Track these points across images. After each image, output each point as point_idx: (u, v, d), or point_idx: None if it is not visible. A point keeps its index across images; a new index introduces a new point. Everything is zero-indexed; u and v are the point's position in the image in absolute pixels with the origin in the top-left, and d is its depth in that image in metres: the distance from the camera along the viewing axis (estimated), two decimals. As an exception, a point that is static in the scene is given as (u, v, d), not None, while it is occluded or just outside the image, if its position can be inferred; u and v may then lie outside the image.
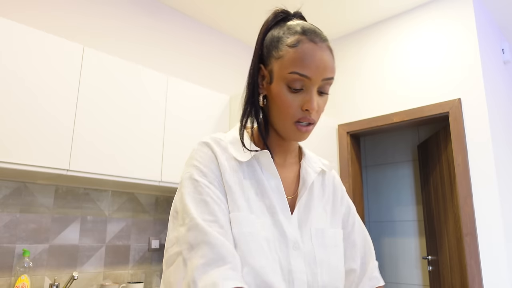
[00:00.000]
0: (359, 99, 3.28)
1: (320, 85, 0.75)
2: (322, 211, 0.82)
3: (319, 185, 0.85)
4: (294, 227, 0.74)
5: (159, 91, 2.38)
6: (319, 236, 0.77)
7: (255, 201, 0.74)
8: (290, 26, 0.80)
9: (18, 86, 1.82)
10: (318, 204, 0.82)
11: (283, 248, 0.71)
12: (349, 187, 3.16)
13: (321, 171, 0.86)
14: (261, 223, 0.72)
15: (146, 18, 2.90)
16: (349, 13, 3.18)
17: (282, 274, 0.69)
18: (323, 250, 0.76)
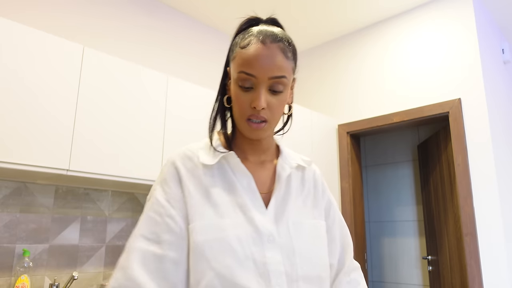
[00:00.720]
0: (359, 99, 3.28)
1: (269, 83, 0.76)
2: (301, 205, 0.83)
3: (298, 180, 0.87)
4: (269, 221, 0.76)
5: (159, 91, 2.38)
6: (297, 228, 0.78)
7: (226, 202, 0.76)
8: (249, 30, 0.82)
9: (18, 86, 1.82)
10: (297, 198, 0.84)
11: (258, 243, 0.73)
12: (349, 187, 3.17)
13: (300, 167, 0.89)
14: (233, 223, 0.74)
15: (146, 17, 2.90)
16: (349, 13, 3.18)
17: (256, 269, 0.71)
18: (303, 241, 0.77)
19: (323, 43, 3.68)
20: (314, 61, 3.72)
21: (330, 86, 3.53)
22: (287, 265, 0.73)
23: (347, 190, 3.16)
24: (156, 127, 2.32)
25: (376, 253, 3.92)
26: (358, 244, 3.13)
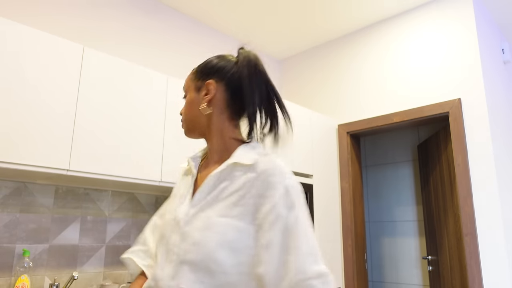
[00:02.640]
0: (359, 99, 3.28)
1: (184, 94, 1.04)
2: (228, 203, 0.87)
3: (234, 178, 0.89)
4: (184, 211, 0.91)
5: (159, 91, 2.38)
6: (203, 221, 0.86)
7: (178, 195, 0.99)
8: None
9: (18, 86, 1.82)
10: (221, 195, 0.89)
11: (173, 227, 0.91)
12: (349, 187, 3.17)
13: (245, 166, 0.89)
14: (169, 210, 0.97)
15: (146, 18, 2.90)
16: (349, 13, 3.18)
17: (166, 246, 0.91)
18: (201, 233, 0.85)
19: (323, 43, 3.68)
20: (315, 61, 3.72)
21: (330, 86, 3.53)
22: (181, 250, 0.87)
23: (347, 190, 3.16)
24: (156, 127, 2.32)
25: (376, 253, 3.92)
26: (358, 244, 3.13)
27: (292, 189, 0.86)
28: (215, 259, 0.82)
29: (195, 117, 0.98)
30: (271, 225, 0.82)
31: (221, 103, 0.96)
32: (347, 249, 3.06)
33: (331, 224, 3.03)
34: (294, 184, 0.87)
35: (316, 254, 0.81)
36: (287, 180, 0.86)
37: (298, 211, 0.84)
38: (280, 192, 0.84)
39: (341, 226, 3.12)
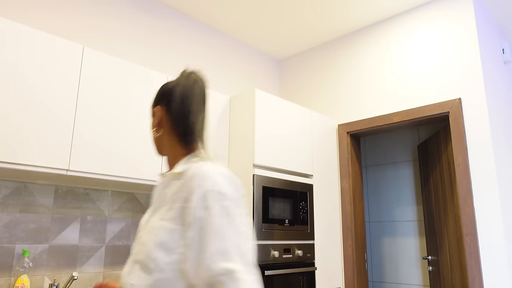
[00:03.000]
0: (359, 99, 3.28)
1: None
2: (165, 208, 1.00)
3: (172, 186, 1.02)
4: (144, 219, 1.09)
5: (159, 91, 2.37)
6: (149, 224, 1.01)
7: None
8: None
9: (18, 86, 1.82)
10: (163, 201, 1.03)
11: (138, 232, 1.08)
12: (349, 187, 3.16)
13: (178, 175, 1.02)
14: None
15: (146, 18, 2.90)
16: (349, 13, 3.18)
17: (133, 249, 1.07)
18: (146, 235, 0.99)
19: (323, 43, 3.68)
20: (315, 61, 3.72)
21: (330, 86, 3.53)
22: (135, 250, 1.02)
23: (347, 190, 3.16)
24: (156, 127, 2.31)
25: (376, 253, 3.92)
26: (358, 244, 3.13)
27: (210, 193, 0.93)
28: (152, 258, 0.94)
29: (154, 140, 1.14)
30: (190, 226, 0.92)
31: (167, 124, 1.10)
32: (347, 249, 3.06)
33: (331, 224, 3.03)
34: (215, 189, 0.94)
35: (228, 253, 0.88)
36: (207, 184, 0.94)
37: (213, 214, 0.91)
38: (198, 196, 0.93)
39: (341, 226, 3.12)
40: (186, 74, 1.12)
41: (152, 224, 1.00)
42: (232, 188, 0.97)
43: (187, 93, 1.09)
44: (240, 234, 0.92)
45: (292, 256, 2.59)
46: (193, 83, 1.10)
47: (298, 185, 2.76)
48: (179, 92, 1.09)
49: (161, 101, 1.12)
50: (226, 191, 0.95)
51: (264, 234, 2.42)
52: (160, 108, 1.11)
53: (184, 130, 1.09)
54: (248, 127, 2.58)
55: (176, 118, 1.09)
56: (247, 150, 2.54)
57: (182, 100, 1.08)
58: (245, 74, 3.61)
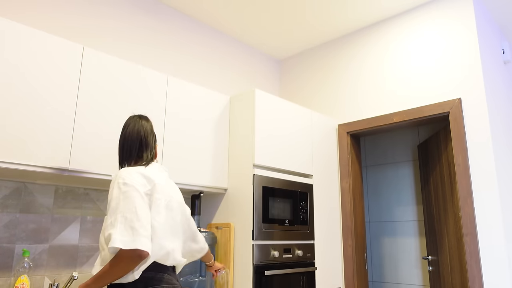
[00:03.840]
0: (359, 99, 3.28)
1: None
2: None
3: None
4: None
5: (159, 91, 2.38)
6: None
7: None
8: None
9: (18, 86, 1.82)
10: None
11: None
12: (349, 187, 3.16)
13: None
14: None
15: (146, 18, 2.90)
16: (349, 13, 3.18)
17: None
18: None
19: (323, 43, 3.68)
20: (314, 61, 3.72)
21: (330, 86, 3.53)
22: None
23: (347, 190, 3.16)
24: (156, 127, 2.31)
25: (376, 253, 3.92)
26: (358, 244, 3.13)
27: (117, 185, 1.44)
28: (100, 242, 1.44)
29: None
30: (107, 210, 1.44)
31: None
32: (347, 249, 3.06)
33: (331, 224, 3.03)
34: (120, 182, 1.45)
35: (115, 224, 1.35)
36: (117, 180, 1.46)
37: (114, 198, 1.42)
38: (112, 188, 1.46)
39: (341, 226, 3.12)
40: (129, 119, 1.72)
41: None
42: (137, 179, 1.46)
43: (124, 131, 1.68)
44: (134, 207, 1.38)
45: (292, 256, 2.59)
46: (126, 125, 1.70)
47: (298, 185, 2.76)
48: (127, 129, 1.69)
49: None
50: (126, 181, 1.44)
51: (264, 234, 2.42)
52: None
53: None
54: (248, 127, 2.58)
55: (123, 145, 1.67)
56: (247, 150, 2.54)
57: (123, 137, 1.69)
58: (245, 74, 3.61)
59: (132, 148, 1.63)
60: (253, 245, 2.36)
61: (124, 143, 1.64)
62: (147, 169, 1.55)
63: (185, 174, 2.41)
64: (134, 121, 1.68)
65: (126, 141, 1.64)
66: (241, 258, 2.39)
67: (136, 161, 1.62)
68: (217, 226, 2.57)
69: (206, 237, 2.42)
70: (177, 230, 1.58)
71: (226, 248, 2.47)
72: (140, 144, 1.63)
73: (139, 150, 1.63)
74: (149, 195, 1.47)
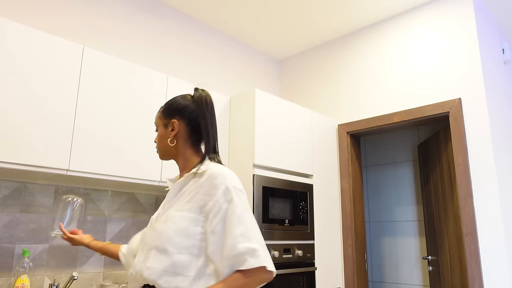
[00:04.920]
0: (359, 99, 3.28)
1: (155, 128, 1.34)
2: (181, 201, 1.17)
3: (190, 184, 1.19)
4: (156, 213, 1.23)
5: (159, 91, 2.38)
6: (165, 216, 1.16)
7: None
8: None
9: (18, 86, 1.82)
10: (182, 197, 1.18)
11: (150, 226, 1.23)
12: (349, 187, 3.16)
13: (196, 175, 1.19)
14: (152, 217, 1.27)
15: (146, 18, 2.90)
16: (349, 13, 3.18)
17: (143, 241, 1.22)
18: (163, 225, 1.14)
19: (323, 43, 3.68)
20: (314, 61, 3.72)
21: (330, 86, 3.53)
22: (149, 239, 1.16)
23: (347, 190, 3.16)
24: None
25: (376, 253, 3.92)
26: (358, 244, 3.13)
27: (232, 188, 1.12)
28: (172, 242, 1.09)
29: (166, 147, 1.29)
30: (214, 216, 1.09)
31: (184, 135, 1.27)
32: (347, 249, 3.06)
33: (331, 224, 3.03)
34: (234, 185, 1.14)
35: (250, 236, 1.06)
36: (228, 181, 1.13)
37: (235, 204, 1.10)
38: (221, 191, 1.11)
39: (341, 226, 3.12)
40: (198, 91, 1.30)
41: (169, 215, 1.14)
42: (242, 186, 1.17)
43: (202, 108, 1.26)
44: (255, 222, 1.11)
45: (292, 256, 2.59)
46: (205, 99, 1.27)
47: (298, 185, 2.76)
48: (195, 107, 1.27)
49: (179, 114, 1.28)
50: (242, 187, 1.16)
51: (264, 234, 2.42)
52: (177, 121, 1.27)
53: (200, 140, 1.28)
54: (248, 127, 2.58)
55: (193, 130, 1.27)
56: (247, 150, 2.54)
57: (201, 117, 1.25)
58: (245, 74, 3.61)
59: (215, 132, 1.28)
60: (253, 245, 2.36)
61: (211, 123, 1.26)
62: None
63: (185, 174, 2.41)
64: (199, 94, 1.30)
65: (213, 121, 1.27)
66: (241, 258, 2.39)
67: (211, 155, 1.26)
68: (217, 226, 2.57)
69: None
70: None
71: (226, 248, 2.46)
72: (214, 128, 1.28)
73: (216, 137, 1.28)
74: None
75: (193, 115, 1.26)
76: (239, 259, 1.02)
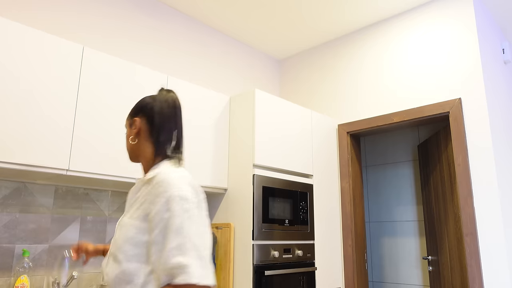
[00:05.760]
0: (359, 99, 3.28)
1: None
2: (135, 208, 1.15)
3: (142, 190, 1.17)
4: (120, 219, 1.21)
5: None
6: (120, 223, 1.17)
7: None
8: None
9: (18, 86, 1.82)
10: (136, 203, 1.17)
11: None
12: (349, 187, 3.16)
13: (147, 180, 1.16)
14: None
15: (146, 17, 2.90)
16: (349, 13, 3.18)
17: None
18: (118, 232, 1.16)
19: (323, 43, 3.68)
20: (314, 61, 3.72)
21: (330, 86, 3.53)
22: (111, 244, 1.16)
23: (347, 190, 3.16)
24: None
25: (376, 253, 3.92)
26: (358, 244, 3.13)
27: (175, 197, 1.06)
28: (123, 251, 1.09)
29: (130, 147, 1.27)
30: (156, 226, 1.06)
31: (145, 133, 1.23)
32: (347, 249, 3.06)
33: (331, 224, 3.03)
34: (178, 193, 1.07)
35: (185, 249, 1.01)
36: (172, 190, 1.07)
37: (175, 215, 1.05)
38: (163, 200, 1.06)
39: (341, 226, 3.12)
40: (163, 91, 1.30)
41: (123, 222, 1.15)
42: (193, 193, 1.10)
43: (164, 107, 1.25)
44: (200, 232, 1.06)
45: (292, 256, 2.59)
46: (169, 99, 1.27)
47: (298, 185, 2.76)
48: (158, 106, 1.25)
49: (140, 113, 1.26)
50: (187, 196, 1.08)
51: (264, 234, 2.42)
52: (139, 119, 1.25)
53: (160, 139, 1.22)
54: (248, 127, 2.58)
55: (154, 129, 1.23)
56: (247, 150, 2.54)
57: (160, 113, 1.23)
58: (245, 74, 3.61)
59: (172, 132, 1.24)
60: (253, 245, 2.36)
61: (173, 121, 1.25)
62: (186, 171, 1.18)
63: (185, 174, 2.41)
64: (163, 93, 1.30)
65: (164, 120, 1.24)
66: (241, 258, 2.39)
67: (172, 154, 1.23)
68: (217, 226, 2.57)
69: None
70: None
71: (226, 248, 2.47)
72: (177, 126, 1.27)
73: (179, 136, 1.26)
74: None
75: (153, 111, 1.24)
76: (171, 272, 1.00)
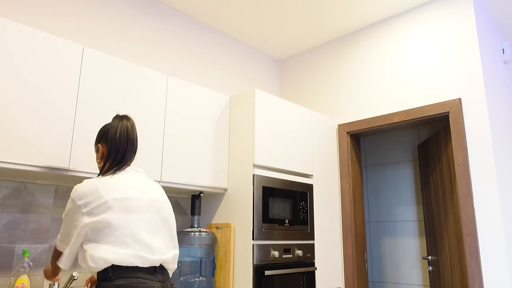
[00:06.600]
0: (359, 99, 3.28)
1: None
2: None
3: None
4: None
5: (159, 91, 2.38)
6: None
7: None
8: None
9: (18, 86, 1.82)
10: None
11: None
12: (349, 187, 3.16)
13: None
14: None
15: (146, 18, 2.90)
16: (349, 13, 3.18)
17: None
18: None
19: (323, 43, 3.68)
20: (315, 61, 3.72)
21: (330, 86, 3.53)
22: None
23: (347, 190, 3.16)
24: (156, 127, 2.31)
25: (376, 253, 3.92)
26: (358, 244, 3.13)
27: (70, 198, 1.45)
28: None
29: (99, 169, 1.60)
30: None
31: (106, 157, 1.56)
32: (347, 249, 3.06)
33: (331, 224, 3.03)
34: (71, 195, 1.44)
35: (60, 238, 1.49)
36: (72, 193, 1.45)
37: (64, 211, 1.47)
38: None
39: (341, 226, 3.12)
40: (116, 117, 1.61)
41: None
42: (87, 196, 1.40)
43: (113, 132, 1.56)
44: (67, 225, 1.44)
45: (292, 256, 2.59)
46: (120, 123, 1.58)
47: (298, 185, 2.76)
48: (111, 131, 1.56)
49: (101, 140, 1.62)
50: (76, 196, 1.42)
51: (264, 234, 2.42)
52: (100, 145, 1.61)
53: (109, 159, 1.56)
54: (248, 127, 2.58)
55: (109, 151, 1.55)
56: (247, 150, 2.54)
57: (110, 137, 1.56)
58: (245, 74, 3.61)
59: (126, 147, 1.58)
60: (253, 245, 2.36)
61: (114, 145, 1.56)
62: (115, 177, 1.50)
63: (185, 174, 2.41)
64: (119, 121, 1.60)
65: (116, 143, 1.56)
66: (241, 258, 2.39)
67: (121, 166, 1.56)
68: (217, 226, 2.57)
69: (206, 237, 2.42)
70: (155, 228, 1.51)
71: (226, 248, 2.47)
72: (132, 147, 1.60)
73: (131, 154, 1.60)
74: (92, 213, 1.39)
75: (108, 138, 1.56)
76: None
